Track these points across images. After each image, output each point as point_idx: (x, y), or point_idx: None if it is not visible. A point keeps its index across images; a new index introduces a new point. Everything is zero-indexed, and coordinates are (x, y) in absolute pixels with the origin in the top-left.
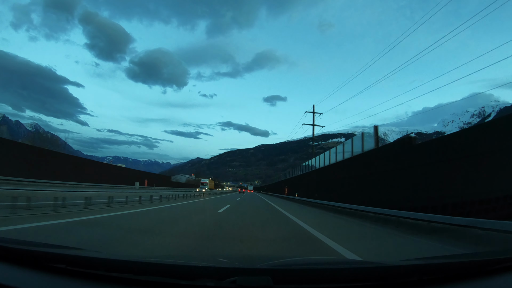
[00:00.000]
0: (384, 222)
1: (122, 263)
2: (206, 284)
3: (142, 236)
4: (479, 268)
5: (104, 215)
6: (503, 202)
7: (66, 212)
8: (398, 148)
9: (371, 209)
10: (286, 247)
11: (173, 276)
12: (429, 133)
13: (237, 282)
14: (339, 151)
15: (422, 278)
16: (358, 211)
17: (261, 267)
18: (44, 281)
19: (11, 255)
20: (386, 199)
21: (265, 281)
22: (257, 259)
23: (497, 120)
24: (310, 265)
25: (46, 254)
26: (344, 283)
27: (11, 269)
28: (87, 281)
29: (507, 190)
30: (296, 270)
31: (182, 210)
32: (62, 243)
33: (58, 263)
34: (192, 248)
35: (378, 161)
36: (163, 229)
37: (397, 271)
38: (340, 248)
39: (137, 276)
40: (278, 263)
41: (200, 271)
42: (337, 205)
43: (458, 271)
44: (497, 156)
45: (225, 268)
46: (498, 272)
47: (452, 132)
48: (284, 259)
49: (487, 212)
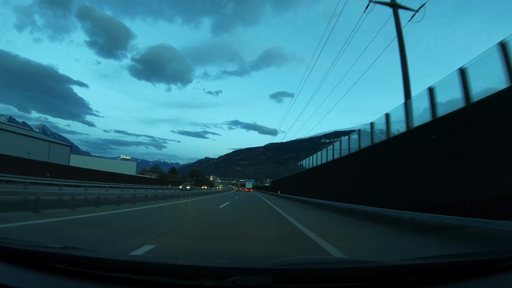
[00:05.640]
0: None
1: (122, 263)
2: (206, 284)
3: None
4: (479, 267)
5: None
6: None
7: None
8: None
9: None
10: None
11: (173, 276)
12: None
13: (237, 282)
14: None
15: (422, 277)
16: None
17: (261, 267)
18: (44, 281)
19: (11, 255)
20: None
21: (265, 280)
22: (256, 259)
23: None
24: (310, 265)
25: (46, 254)
26: (344, 282)
27: (11, 269)
28: (87, 281)
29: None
30: (296, 270)
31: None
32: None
33: (58, 263)
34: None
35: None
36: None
37: (397, 270)
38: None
39: (137, 276)
40: (277, 263)
41: (200, 271)
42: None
43: (458, 270)
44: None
45: (225, 268)
46: (499, 271)
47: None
48: (284, 258)
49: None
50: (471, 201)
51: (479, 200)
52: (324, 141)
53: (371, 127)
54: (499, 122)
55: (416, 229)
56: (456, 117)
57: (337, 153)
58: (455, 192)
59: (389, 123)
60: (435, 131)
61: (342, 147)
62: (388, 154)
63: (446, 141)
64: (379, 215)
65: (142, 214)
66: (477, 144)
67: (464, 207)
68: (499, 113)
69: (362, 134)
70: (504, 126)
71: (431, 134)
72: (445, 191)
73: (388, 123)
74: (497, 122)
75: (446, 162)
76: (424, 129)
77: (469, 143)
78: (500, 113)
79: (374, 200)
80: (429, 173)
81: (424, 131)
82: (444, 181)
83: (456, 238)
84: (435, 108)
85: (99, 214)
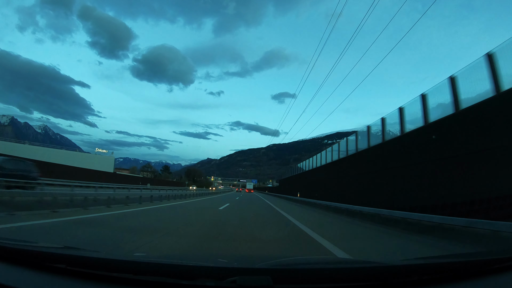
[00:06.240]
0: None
1: (122, 263)
2: (206, 284)
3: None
4: (479, 267)
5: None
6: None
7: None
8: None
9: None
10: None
11: (173, 276)
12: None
13: (237, 282)
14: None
15: (422, 278)
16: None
17: (261, 267)
18: (44, 281)
19: (11, 255)
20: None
21: (265, 280)
22: (257, 259)
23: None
24: (310, 265)
25: (46, 254)
26: (344, 282)
27: (11, 269)
28: (87, 281)
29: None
30: (296, 270)
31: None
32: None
33: (58, 263)
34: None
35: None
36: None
37: (397, 270)
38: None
39: (137, 276)
40: (278, 263)
41: (200, 271)
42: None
43: (458, 271)
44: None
45: (225, 268)
46: (499, 271)
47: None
48: (284, 258)
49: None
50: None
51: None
52: (326, 142)
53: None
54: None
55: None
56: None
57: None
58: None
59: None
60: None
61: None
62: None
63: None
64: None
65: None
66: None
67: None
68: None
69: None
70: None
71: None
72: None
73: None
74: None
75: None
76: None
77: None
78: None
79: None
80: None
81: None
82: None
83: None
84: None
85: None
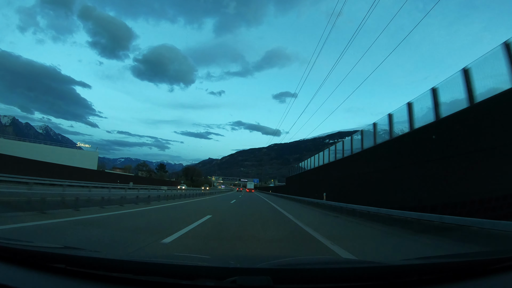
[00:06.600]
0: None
1: (122, 263)
2: (206, 284)
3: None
4: (479, 267)
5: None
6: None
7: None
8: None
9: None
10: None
11: (173, 276)
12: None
13: (237, 282)
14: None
15: (422, 278)
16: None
17: (261, 267)
18: (44, 281)
19: (11, 255)
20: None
21: (265, 280)
22: (257, 259)
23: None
24: (310, 265)
25: (46, 254)
26: (344, 282)
27: (11, 269)
28: (87, 281)
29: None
30: (296, 270)
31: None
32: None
33: (58, 263)
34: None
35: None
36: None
37: (397, 271)
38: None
39: (137, 276)
40: (278, 263)
41: (200, 271)
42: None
43: (458, 271)
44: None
45: (225, 268)
46: (499, 271)
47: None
48: (284, 258)
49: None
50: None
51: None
52: (328, 142)
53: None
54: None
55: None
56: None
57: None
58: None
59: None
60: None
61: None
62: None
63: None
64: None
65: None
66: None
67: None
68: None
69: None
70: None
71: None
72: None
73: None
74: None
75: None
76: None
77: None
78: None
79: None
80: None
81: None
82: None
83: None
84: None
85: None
